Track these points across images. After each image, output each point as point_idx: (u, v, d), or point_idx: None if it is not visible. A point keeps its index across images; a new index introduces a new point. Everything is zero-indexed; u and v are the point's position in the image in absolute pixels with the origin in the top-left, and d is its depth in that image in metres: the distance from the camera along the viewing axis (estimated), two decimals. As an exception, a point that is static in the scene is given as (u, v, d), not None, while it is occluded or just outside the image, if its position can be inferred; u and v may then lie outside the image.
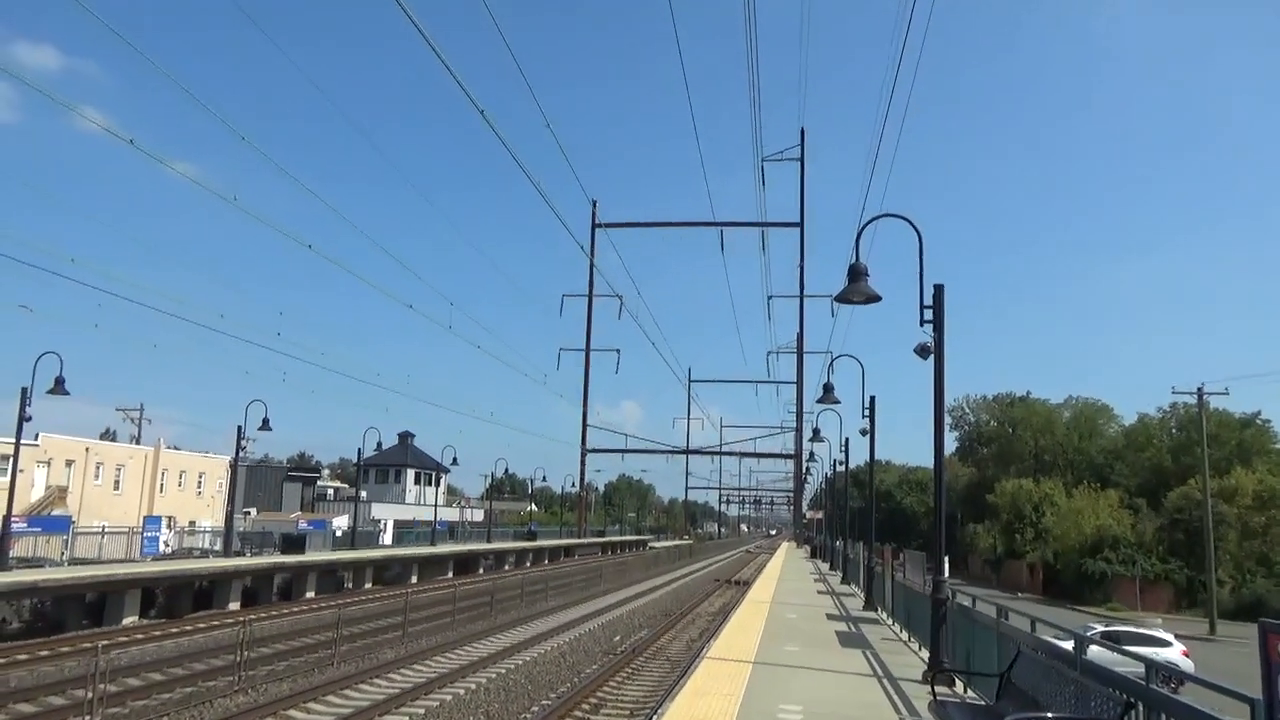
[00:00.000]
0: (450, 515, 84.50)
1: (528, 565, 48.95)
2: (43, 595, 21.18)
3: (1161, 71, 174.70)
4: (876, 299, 11.05)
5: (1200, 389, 50.58)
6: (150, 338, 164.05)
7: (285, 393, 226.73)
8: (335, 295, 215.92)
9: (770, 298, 66.14)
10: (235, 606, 25.97)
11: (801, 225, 62.36)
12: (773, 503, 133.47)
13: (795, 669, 11.96)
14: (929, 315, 11.13)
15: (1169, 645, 27.03)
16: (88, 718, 11.89)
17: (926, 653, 12.64)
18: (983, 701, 9.21)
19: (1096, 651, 8.34)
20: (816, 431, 35.87)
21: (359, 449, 46.76)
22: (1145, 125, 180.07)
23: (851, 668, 12.43)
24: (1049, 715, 6.47)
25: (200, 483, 64.85)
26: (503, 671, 16.71)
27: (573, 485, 77.00)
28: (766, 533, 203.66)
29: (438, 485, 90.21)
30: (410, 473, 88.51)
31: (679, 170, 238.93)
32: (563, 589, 34.20)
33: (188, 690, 14.17)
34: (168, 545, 44.25)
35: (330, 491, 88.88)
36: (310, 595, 30.05)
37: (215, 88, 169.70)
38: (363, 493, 63.43)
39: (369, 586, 34.46)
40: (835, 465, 45.96)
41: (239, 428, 36.82)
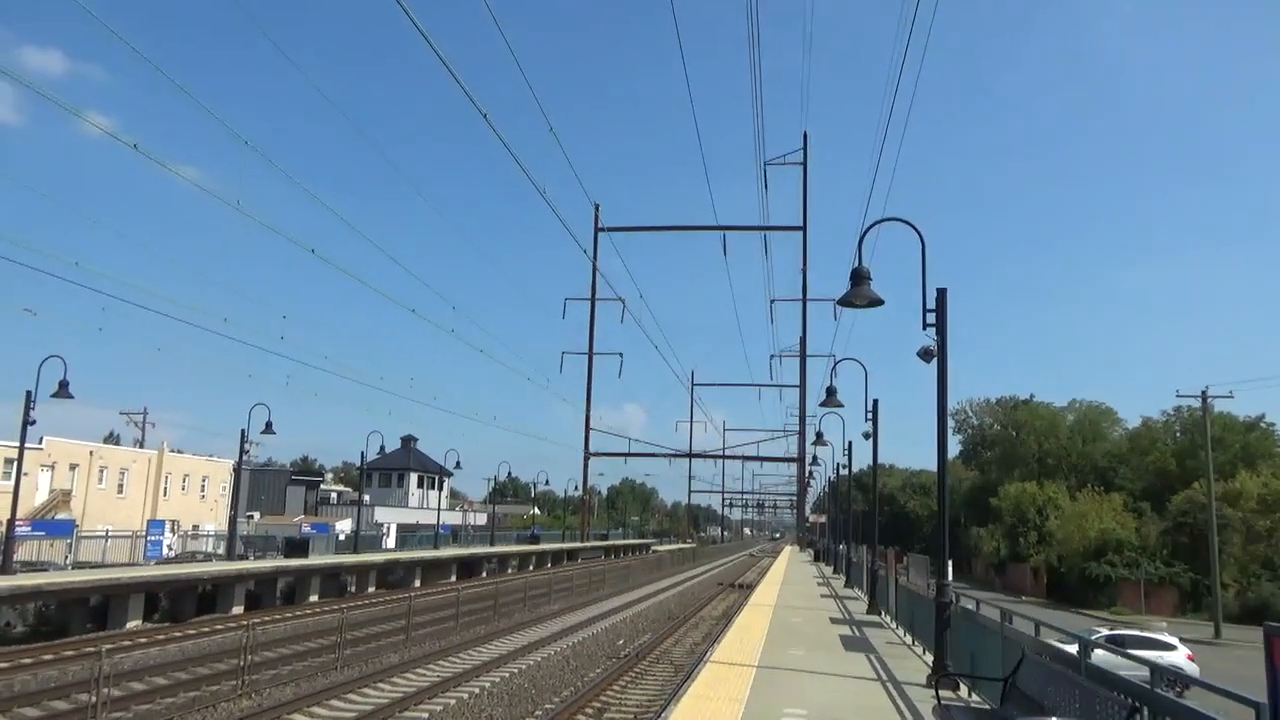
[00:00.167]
0: (453, 519, 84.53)
1: (530, 569, 48.94)
2: (47, 599, 21.23)
3: (1166, 77, 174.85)
4: (879, 303, 11.05)
5: (1205, 392, 50.44)
6: (154, 341, 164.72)
7: (289, 396, 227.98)
8: (339, 299, 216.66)
9: (773, 301, 66.10)
10: (239, 610, 26.01)
11: (804, 229, 62.24)
12: (776, 506, 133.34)
13: (799, 673, 11.94)
14: (932, 319, 11.12)
15: (1174, 649, 26.91)
16: (92, 721, 11.92)
17: (930, 657, 12.62)
18: (987, 706, 9.19)
19: (1101, 655, 8.32)
20: (819, 435, 35.70)
21: (362, 452, 46.91)
22: (1149, 129, 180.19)
23: (855, 672, 12.41)
24: (1054, 720, 6.46)
25: (204, 486, 64.92)
26: (506, 675, 16.72)
27: (576, 489, 77.09)
28: (770, 536, 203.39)
29: (441, 489, 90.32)
30: (413, 476, 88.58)
31: (682, 174, 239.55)
32: (566, 593, 34.20)
33: (191, 694, 14.19)
34: (171, 549, 44.33)
35: (333, 495, 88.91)
36: (314, 599, 30.08)
37: (221, 94, 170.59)
38: (366, 496, 63.50)
39: (372, 590, 34.47)
40: (838, 469, 45.94)
41: (242, 431, 36.86)
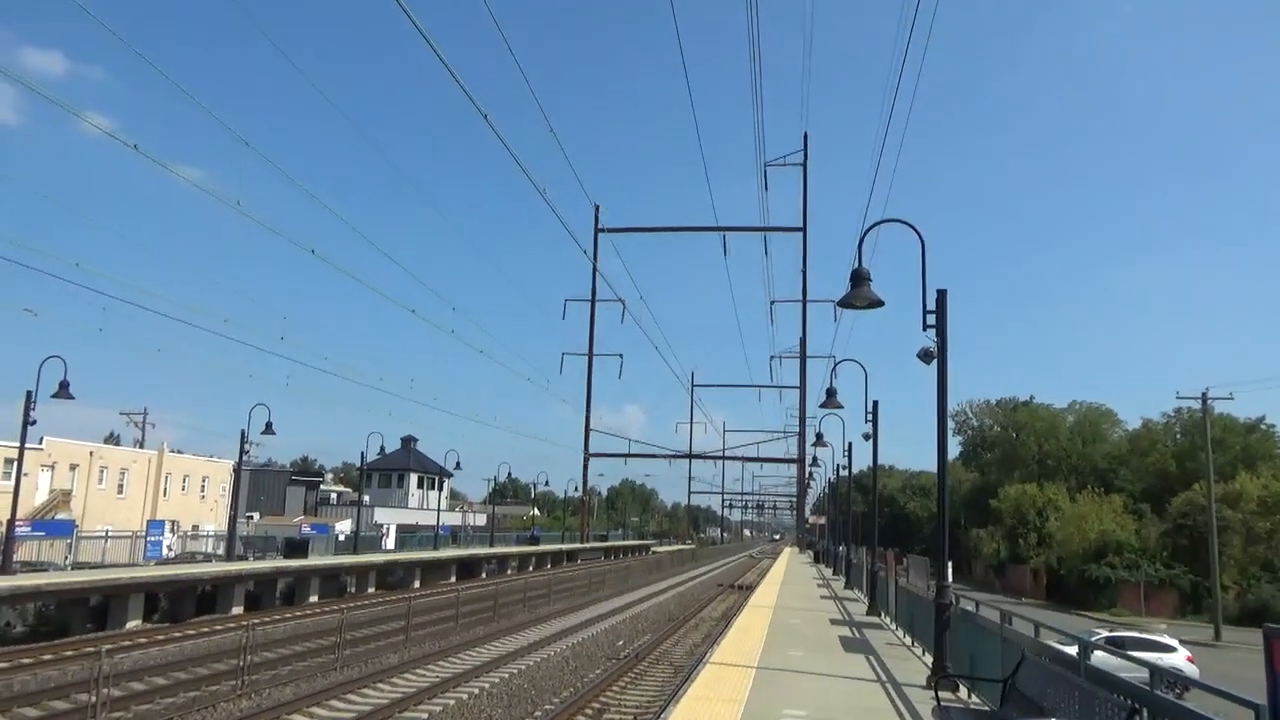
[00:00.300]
0: (453, 520, 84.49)
1: (530, 570, 48.91)
2: (46, 599, 21.23)
3: (1166, 77, 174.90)
4: (879, 304, 11.06)
5: (1205, 394, 50.47)
6: (154, 342, 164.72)
7: (289, 397, 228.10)
8: (339, 300, 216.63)
9: (773, 302, 66.35)
10: (238, 611, 26.00)
11: (804, 230, 62.37)
12: (776, 508, 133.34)
13: (799, 674, 11.93)
14: (932, 320, 11.13)
15: (1173, 651, 26.92)
16: (91, 722, 11.92)
17: (930, 658, 12.62)
18: (987, 707, 9.19)
19: (1101, 657, 8.32)
20: (819, 436, 35.69)
21: (362, 453, 46.97)
22: (1150, 130, 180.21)
23: (855, 673, 12.40)
24: (1053, 721, 6.46)
25: (204, 487, 64.92)
26: (506, 676, 16.72)
27: (575, 489, 77.09)
28: (770, 537, 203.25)
29: (440, 490, 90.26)
30: (413, 477, 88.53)
31: (682, 175, 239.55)
32: (565, 593, 34.19)
33: (191, 694, 14.19)
34: (171, 549, 44.36)
35: (333, 496, 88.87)
36: (313, 600, 30.06)
37: (221, 95, 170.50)
38: (365, 497, 63.49)
39: (372, 591, 34.45)
40: (838, 470, 45.93)
41: (242, 432, 36.90)
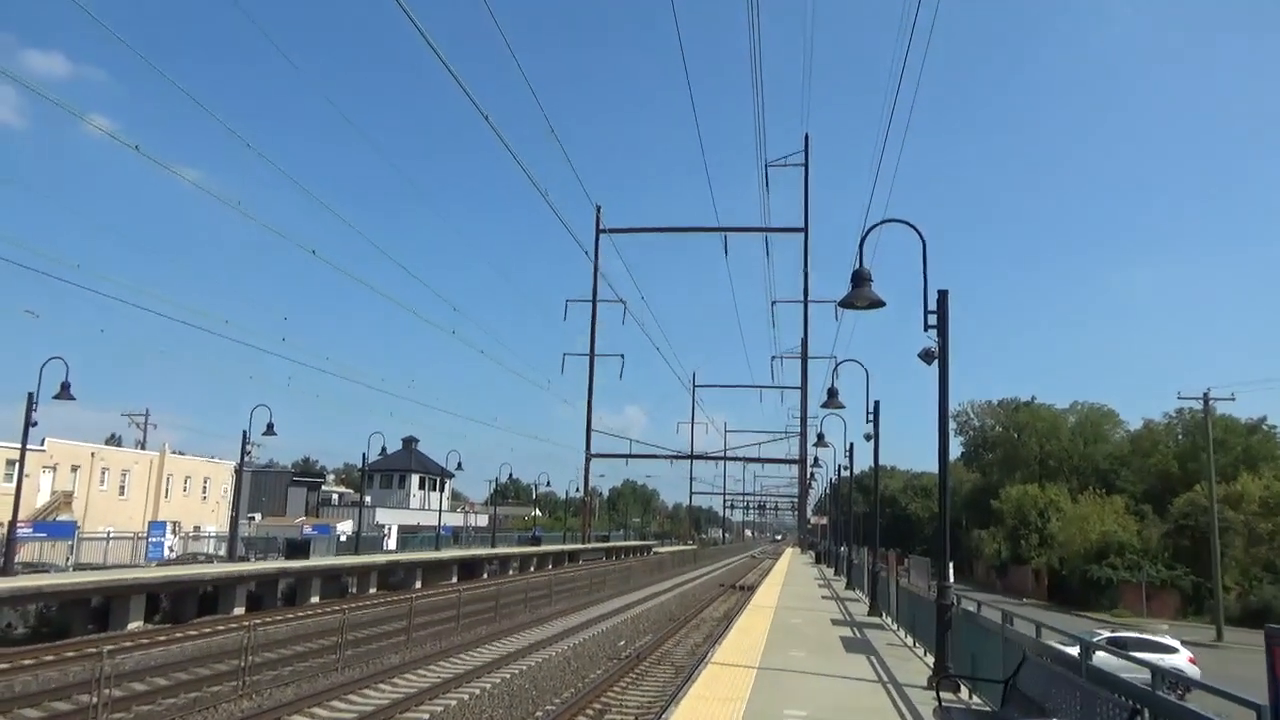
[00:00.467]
0: (454, 520, 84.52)
1: (532, 570, 48.91)
2: (48, 600, 21.24)
3: (1170, 82, 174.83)
4: (880, 304, 11.05)
5: (1206, 394, 50.41)
6: (156, 343, 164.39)
7: (290, 398, 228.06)
8: (340, 301, 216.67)
9: (774, 303, 66.17)
10: (240, 611, 26.01)
11: (805, 231, 62.25)
12: (777, 508, 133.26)
13: (800, 674, 11.93)
14: (933, 320, 11.12)
15: (1175, 651, 26.91)
16: (93, 722, 11.92)
17: (931, 658, 12.61)
18: (988, 707, 9.18)
19: (1102, 657, 8.31)
20: (821, 436, 35.69)
21: (363, 454, 46.95)
22: (1151, 131, 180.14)
23: (856, 673, 12.39)
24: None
25: (205, 488, 64.96)
26: (507, 676, 16.73)
27: (577, 490, 77.08)
28: (771, 538, 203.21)
29: (442, 490, 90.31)
30: (414, 478, 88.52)
31: (683, 176, 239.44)
32: (567, 594, 34.20)
33: (192, 695, 14.20)
34: (172, 550, 44.33)
35: (335, 497, 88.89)
36: (315, 600, 30.07)
37: (224, 98, 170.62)
38: (367, 498, 63.48)
39: (373, 591, 34.46)
40: (839, 471, 45.90)
41: (244, 433, 36.90)
